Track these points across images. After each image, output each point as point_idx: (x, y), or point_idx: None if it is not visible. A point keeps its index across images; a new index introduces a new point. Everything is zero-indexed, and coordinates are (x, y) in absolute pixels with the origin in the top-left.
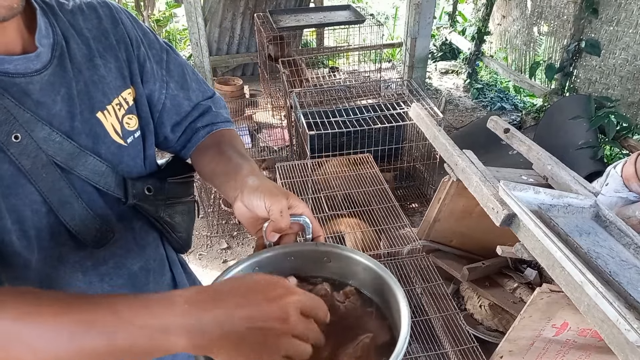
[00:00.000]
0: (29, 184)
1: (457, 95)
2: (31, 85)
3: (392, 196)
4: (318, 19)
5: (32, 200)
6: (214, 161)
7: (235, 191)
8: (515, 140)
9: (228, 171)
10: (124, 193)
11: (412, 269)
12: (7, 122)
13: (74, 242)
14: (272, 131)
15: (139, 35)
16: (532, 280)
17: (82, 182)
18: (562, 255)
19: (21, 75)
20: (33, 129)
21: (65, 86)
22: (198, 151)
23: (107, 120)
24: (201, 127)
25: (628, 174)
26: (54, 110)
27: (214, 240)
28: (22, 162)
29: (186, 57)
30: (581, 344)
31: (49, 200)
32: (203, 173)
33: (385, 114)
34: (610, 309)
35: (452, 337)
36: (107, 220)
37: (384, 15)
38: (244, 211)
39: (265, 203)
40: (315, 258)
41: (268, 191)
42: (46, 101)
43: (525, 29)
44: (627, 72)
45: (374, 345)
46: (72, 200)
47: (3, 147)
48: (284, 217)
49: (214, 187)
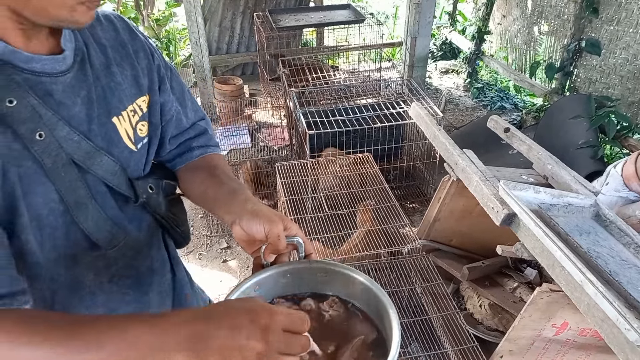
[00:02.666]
0: (48, 182)
1: (457, 94)
2: (54, 86)
3: (392, 195)
4: (318, 19)
5: (50, 198)
6: (204, 184)
7: (232, 216)
8: (516, 139)
9: (221, 196)
10: (134, 192)
11: (412, 268)
12: (32, 120)
13: (87, 242)
14: (271, 130)
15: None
16: (532, 279)
17: (96, 182)
18: (562, 254)
19: (47, 75)
20: (55, 128)
21: (85, 89)
22: (187, 169)
23: (121, 126)
24: (196, 147)
25: (628, 174)
26: (73, 112)
27: (213, 239)
28: (44, 160)
29: (186, 57)
30: (581, 344)
31: (66, 200)
32: (190, 191)
33: (385, 113)
34: (610, 309)
35: (452, 336)
36: (118, 221)
37: (383, 14)
38: (243, 234)
39: (264, 228)
40: (309, 274)
41: (266, 217)
42: (67, 102)
43: (526, 29)
44: (627, 71)
45: (366, 344)
46: (87, 202)
47: (27, 144)
48: (281, 240)
49: (202, 206)
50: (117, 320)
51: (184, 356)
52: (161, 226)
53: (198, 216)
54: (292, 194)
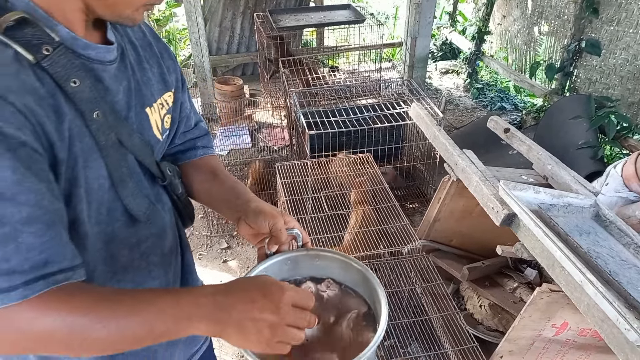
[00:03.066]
0: (100, 158)
1: (457, 95)
2: (104, 73)
3: (392, 196)
4: (318, 19)
5: (100, 174)
6: (208, 183)
7: (237, 213)
8: (516, 140)
9: (225, 195)
10: (161, 173)
11: (412, 268)
12: (90, 100)
13: (125, 218)
14: (272, 131)
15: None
16: (532, 280)
17: (133, 162)
18: (562, 254)
19: (99, 62)
20: (105, 110)
21: (125, 80)
22: (189, 166)
23: (152, 116)
24: (200, 146)
25: (628, 174)
26: (117, 98)
27: (213, 240)
28: (99, 137)
29: (186, 57)
30: (581, 344)
31: (112, 176)
32: (190, 187)
33: (385, 114)
34: (610, 309)
35: (452, 337)
36: (150, 199)
37: (384, 14)
38: (248, 229)
39: (268, 223)
40: (306, 260)
41: (269, 214)
42: (113, 89)
43: (526, 29)
44: (627, 72)
45: (359, 317)
46: (127, 179)
47: (87, 122)
48: (283, 232)
49: (200, 202)
50: (144, 293)
51: (206, 324)
52: (176, 208)
53: (198, 216)
54: (292, 194)
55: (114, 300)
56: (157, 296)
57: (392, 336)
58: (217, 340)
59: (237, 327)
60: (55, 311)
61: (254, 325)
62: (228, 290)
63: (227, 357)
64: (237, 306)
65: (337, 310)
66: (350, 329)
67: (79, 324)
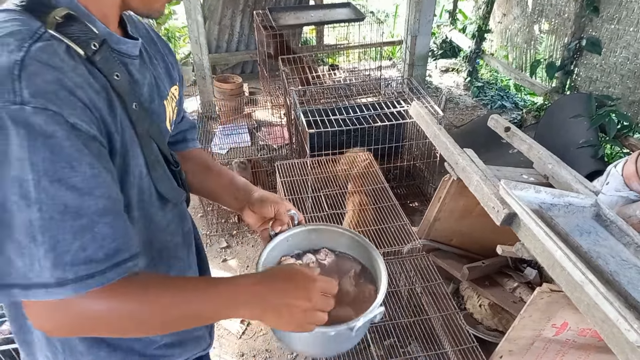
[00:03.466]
0: (138, 147)
1: (458, 93)
2: (132, 67)
3: (392, 195)
4: (318, 17)
5: (139, 162)
6: (202, 174)
7: (239, 202)
8: (516, 138)
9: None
10: (173, 159)
11: (412, 268)
12: (129, 92)
13: (158, 202)
14: (271, 129)
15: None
16: (532, 279)
17: (157, 150)
18: (562, 254)
19: (128, 56)
20: (138, 102)
21: (148, 73)
22: (181, 157)
23: (167, 108)
24: (190, 139)
25: (629, 173)
26: (143, 90)
27: (213, 239)
28: (138, 127)
29: (185, 55)
30: (581, 344)
31: (148, 163)
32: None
33: (385, 112)
34: (611, 309)
35: (452, 336)
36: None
37: (384, 12)
38: (254, 216)
39: (272, 209)
40: (304, 235)
41: (273, 201)
42: (140, 82)
43: (526, 27)
44: (628, 70)
45: (356, 274)
46: (158, 167)
47: (129, 113)
48: (285, 216)
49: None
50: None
51: (248, 309)
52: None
53: (197, 215)
54: (292, 193)
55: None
56: (209, 284)
57: (392, 336)
58: (217, 340)
59: (275, 312)
60: (120, 298)
61: (289, 311)
62: (266, 280)
63: (227, 356)
64: (274, 294)
65: (337, 273)
66: (353, 285)
67: (142, 310)
